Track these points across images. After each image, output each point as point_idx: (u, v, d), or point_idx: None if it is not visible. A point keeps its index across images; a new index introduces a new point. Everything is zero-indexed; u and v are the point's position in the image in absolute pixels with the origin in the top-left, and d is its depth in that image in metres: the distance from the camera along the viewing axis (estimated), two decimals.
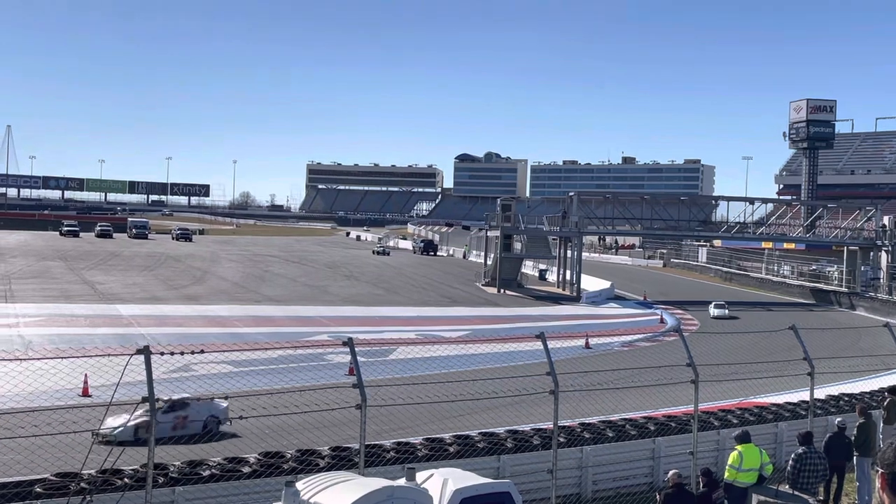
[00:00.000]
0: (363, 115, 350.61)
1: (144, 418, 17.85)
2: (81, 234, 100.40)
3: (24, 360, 22.47)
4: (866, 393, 23.18)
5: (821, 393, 21.39)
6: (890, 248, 64.99)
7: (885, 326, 19.60)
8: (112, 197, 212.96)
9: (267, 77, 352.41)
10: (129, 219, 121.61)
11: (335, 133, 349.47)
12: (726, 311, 52.55)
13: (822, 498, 15.56)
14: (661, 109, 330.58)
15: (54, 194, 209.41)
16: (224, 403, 18.72)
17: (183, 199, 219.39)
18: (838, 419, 16.87)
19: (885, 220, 67.99)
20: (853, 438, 16.15)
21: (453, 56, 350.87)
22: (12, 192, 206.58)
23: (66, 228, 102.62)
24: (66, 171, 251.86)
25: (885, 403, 19.03)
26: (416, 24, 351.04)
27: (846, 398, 22.33)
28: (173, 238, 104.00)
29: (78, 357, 17.23)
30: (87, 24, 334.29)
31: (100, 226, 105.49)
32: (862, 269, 65.91)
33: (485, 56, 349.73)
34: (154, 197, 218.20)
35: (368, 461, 12.51)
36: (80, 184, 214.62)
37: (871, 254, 66.92)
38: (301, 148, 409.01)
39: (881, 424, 17.60)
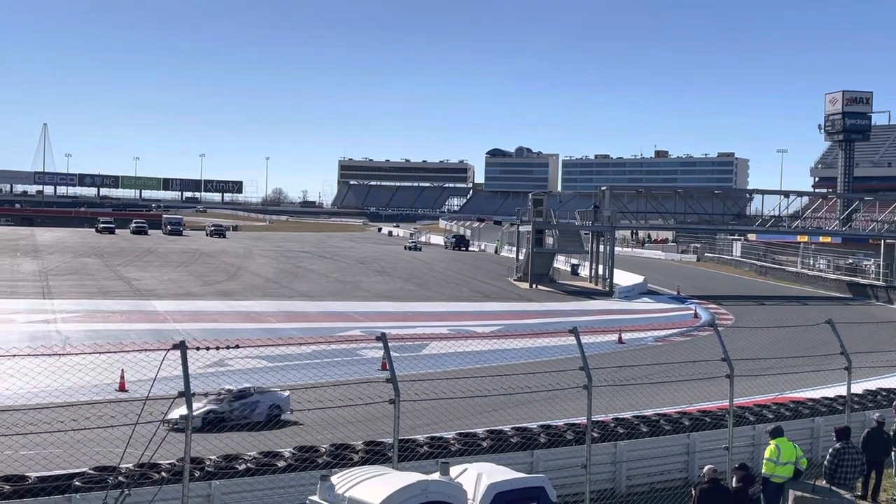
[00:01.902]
0: (394, 110, 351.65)
1: (212, 407, 18.64)
2: (117, 231, 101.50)
3: (63, 355, 22.78)
4: None
5: (858, 388, 21.15)
6: None
7: None
8: (147, 194, 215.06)
9: (299, 74, 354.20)
10: (164, 216, 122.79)
11: (367, 129, 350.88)
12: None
13: (859, 493, 15.41)
14: (694, 102, 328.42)
15: (90, 191, 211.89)
16: (285, 394, 20.05)
17: (216, 196, 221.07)
18: (876, 414, 16.69)
19: None
20: (893, 433, 15.96)
21: (484, 51, 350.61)
22: (49, 189, 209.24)
23: (101, 225, 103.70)
24: (101, 168, 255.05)
25: None
26: (446, 19, 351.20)
27: (884, 392, 22.09)
28: (207, 234, 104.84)
29: (115, 352, 17.43)
30: (120, 22, 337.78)
31: (135, 223, 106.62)
32: None
33: (516, 50, 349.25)
34: (188, 194, 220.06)
35: (402, 455, 12.55)
36: (115, 181, 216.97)
37: None
38: (333, 144, 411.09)
39: None
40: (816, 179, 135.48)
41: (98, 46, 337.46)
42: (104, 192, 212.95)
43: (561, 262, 71.28)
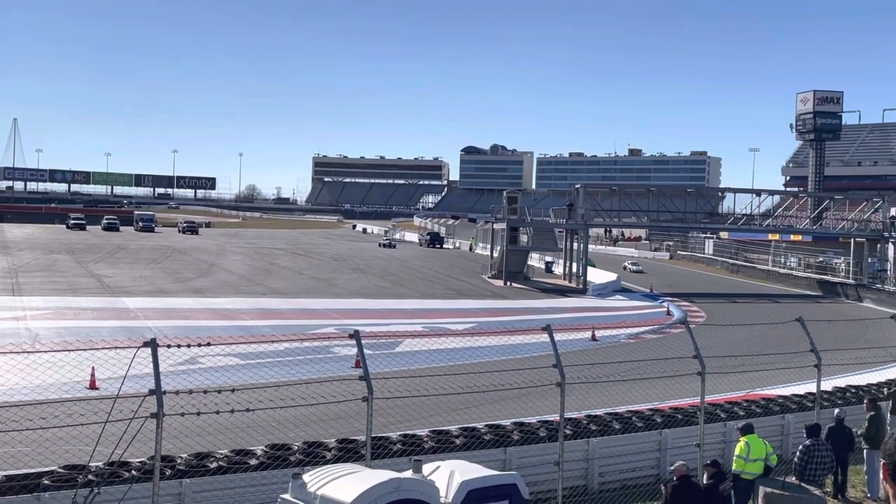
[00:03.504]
0: (369, 107, 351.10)
1: None
2: (88, 228, 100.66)
3: (32, 352, 22.56)
4: (873, 384, 23.16)
5: (828, 385, 21.37)
6: None
7: (892, 318, 19.56)
8: (118, 190, 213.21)
9: (273, 69, 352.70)
10: (136, 212, 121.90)
11: (341, 126, 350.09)
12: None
13: (829, 489, 15.55)
14: (668, 101, 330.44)
15: (61, 187, 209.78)
16: None
17: (189, 192, 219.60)
18: (836, 410, 16.85)
19: (893, 211, 67.89)
20: (865, 431, 16.13)
21: (459, 48, 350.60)
22: (19, 185, 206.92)
23: (72, 221, 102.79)
24: (72, 164, 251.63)
25: (891, 393, 19.05)
26: (422, 16, 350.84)
27: (853, 390, 22.32)
28: (179, 231, 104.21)
29: (85, 350, 17.27)
30: (91, 17, 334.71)
31: (106, 219, 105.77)
32: (869, 260, 65.79)
33: (491, 48, 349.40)
34: (160, 190, 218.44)
35: (375, 453, 12.52)
36: (86, 177, 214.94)
37: (878, 245, 66.76)
38: (307, 141, 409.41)
39: (889, 416, 17.58)
40: (788, 178, 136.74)
41: (69, 41, 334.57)
42: (75, 188, 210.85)
43: (535, 260, 71.50)
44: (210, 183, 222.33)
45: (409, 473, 9.31)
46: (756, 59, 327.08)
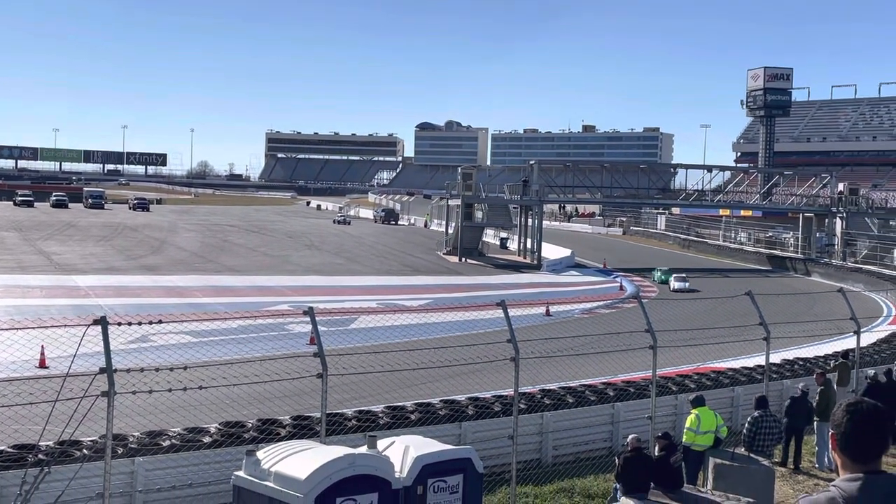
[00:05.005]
0: (323, 83, 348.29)
1: None
2: (36, 205, 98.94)
3: None
4: (821, 357, 23.63)
5: (776, 357, 21.77)
6: (844, 215, 66.02)
7: (839, 292, 19.92)
8: (67, 166, 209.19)
9: (225, 43, 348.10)
10: (85, 188, 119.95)
11: (295, 101, 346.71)
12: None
13: (777, 460, 15.87)
14: (621, 77, 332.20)
15: (8, 164, 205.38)
16: None
17: (140, 169, 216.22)
18: (801, 384, 17.18)
19: (840, 186, 69.02)
20: (815, 404, 16.47)
21: (414, 24, 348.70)
22: None
23: (20, 198, 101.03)
24: (19, 139, 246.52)
25: (837, 365, 19.47)
26: None
27: (801, 362, 22.76)
28: (130, 208, 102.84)
29: (34, 328, 16.98)
30: None
31: (55, 196, 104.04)
32: (817, 235, 66.94)
33: (445, 24, 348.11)
34: (110, 166, 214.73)
35: (330, 430, 12.52)
36: (34, 153, 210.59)
37: (826, 220, 67.92)
38: (260, 116, 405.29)
39: (836, 387, 17.96)
40: (738, 154, 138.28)
41: (13, 13, 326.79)
42: (22, 164, 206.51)
43: (490, 236, 71.69)
44: (161, 159, 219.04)
45: (363, 449, 9.33)
46: (707, 36, 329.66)
